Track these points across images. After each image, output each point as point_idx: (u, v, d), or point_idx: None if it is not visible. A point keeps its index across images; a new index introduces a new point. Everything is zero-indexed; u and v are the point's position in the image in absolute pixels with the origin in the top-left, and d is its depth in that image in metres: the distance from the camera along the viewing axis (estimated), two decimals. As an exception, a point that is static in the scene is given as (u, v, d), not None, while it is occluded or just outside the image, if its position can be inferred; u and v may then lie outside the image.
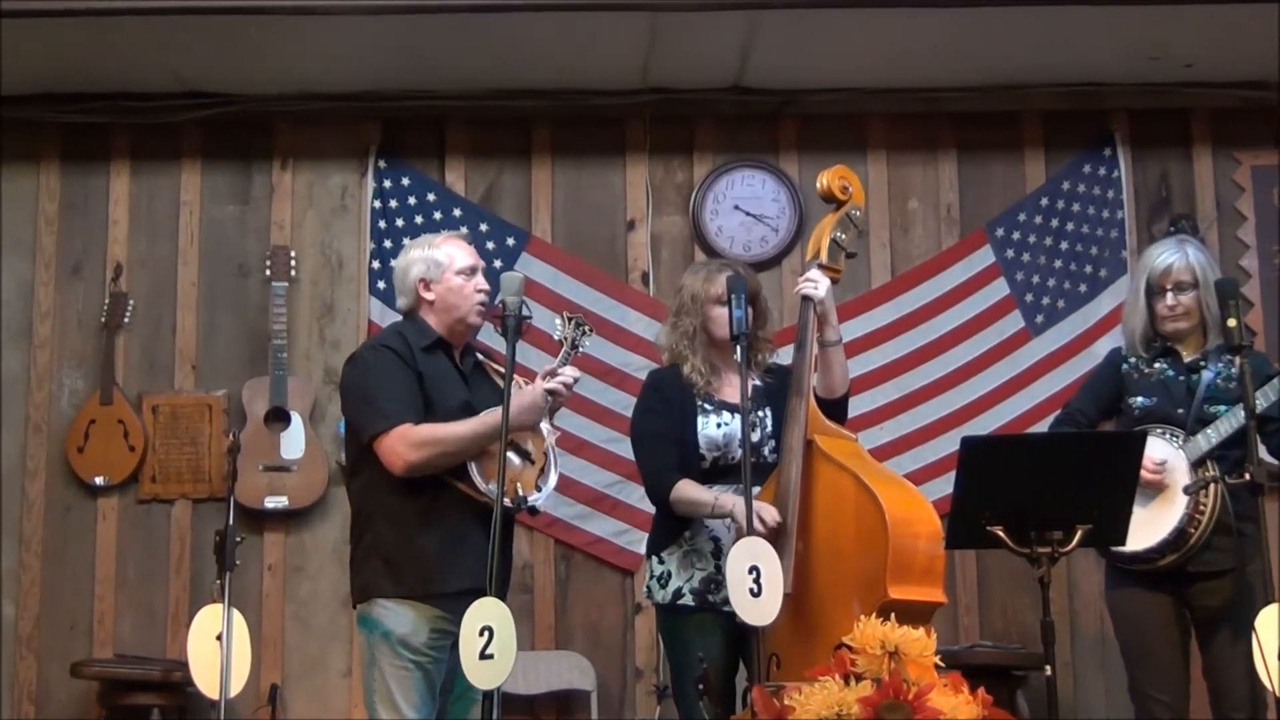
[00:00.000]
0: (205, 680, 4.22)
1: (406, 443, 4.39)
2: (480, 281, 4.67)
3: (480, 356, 4.78)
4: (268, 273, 6.56)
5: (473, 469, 4.40)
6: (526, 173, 6.79)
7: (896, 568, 4.19)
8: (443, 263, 4.64)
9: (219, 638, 4.22)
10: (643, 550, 6.12)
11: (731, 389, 4.73)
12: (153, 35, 6.03)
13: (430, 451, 4.39)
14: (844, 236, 4.73)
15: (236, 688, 4.23)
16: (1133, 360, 5.09)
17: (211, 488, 6.51)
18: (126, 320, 6.61)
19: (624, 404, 6.28)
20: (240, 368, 6.61)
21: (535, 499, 4.47)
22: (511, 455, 4.38)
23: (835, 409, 4.66)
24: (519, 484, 4.35)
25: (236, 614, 4.26)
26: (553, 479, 4.58)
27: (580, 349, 4.62)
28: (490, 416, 4.40)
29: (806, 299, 4.61)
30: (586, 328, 4.64)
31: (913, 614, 3.99)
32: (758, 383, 4.79)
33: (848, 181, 4.78)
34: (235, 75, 6.55)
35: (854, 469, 4.36)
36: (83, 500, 6.54)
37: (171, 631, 6.43)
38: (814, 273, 4.65)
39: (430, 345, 4.60)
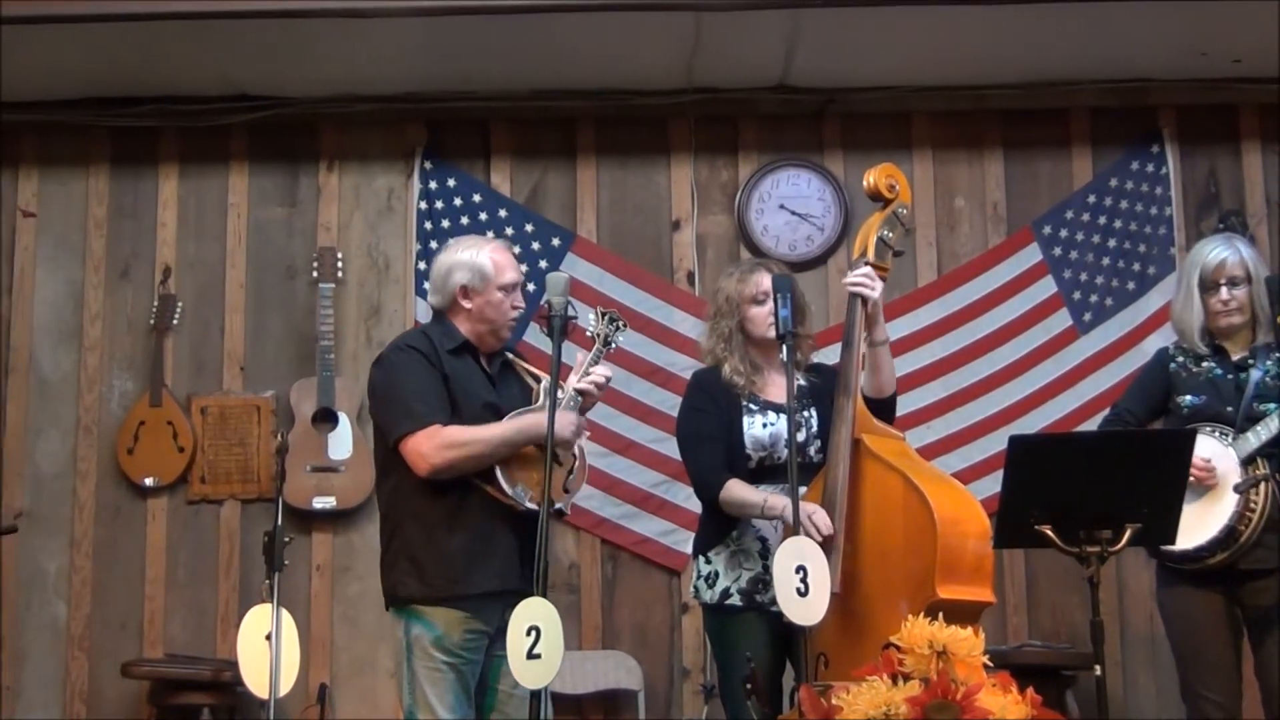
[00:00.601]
0: (255, 680, 4.23)
1: (432, 444, 4.40)
2: (518, 299, 4.66)
3: (510, 355, 4.77)
4: (315, 274, 6.59)
5: (498, 471, 4.41)
6: (571, 173, 6.79)
7: (945, 567, 4.17)
8: (489, 275, 4.61)
9: (268, 637, 4.23)
10: (689, 550, 6.11)
11: (776, 388, 4.71)
12: (200, 39, 6.05)
13: (455, 454, 4.39)
14: (891, 235, 4.72)
15: (286, 687, 4.24)
16: (1181, 359, 5.05)
17: (260, 488, 6.54)
18: (175, 322, 6.64)
19: (670, 404, 6.26)
20: (288, 369, 6.64)
21: (562, 503, 4.47)
22: (540, 456, 4.37)
23: (883, 409, 4.64)
24: (544, 485, 4.31)
25: (285, 614, 4.26)
26: (581, 481, 4.58)
27: (613, 345, 4.62)
28: (518, 422, 4.42)
29: (857, 297, 4.59)
30: (620, 323, 4.64)
31: (961, 614, 3.97)
32: (802, 382, 4.76)
33: (894, 180, 4.77)
34: (282, 78, 6.58)
35: (902, 468, 4.35)
36: (133, 501, 6.58)
37: (221, 631, 6.46)
38: (867, 270, 4.62)
39: (457, 348, 4.61)
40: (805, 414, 4.70)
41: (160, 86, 6.64)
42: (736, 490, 4.59)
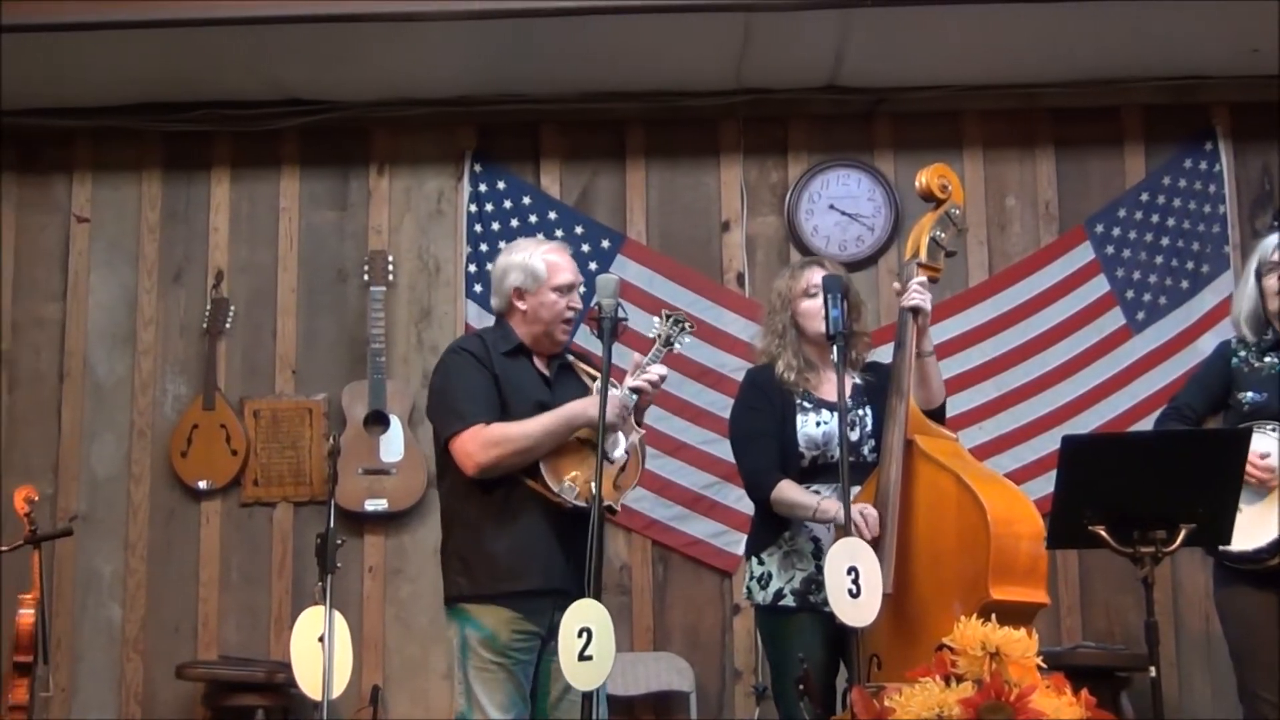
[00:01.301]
0: (308, 681, 4.25)
1: (477, 443, 4.44)
2: (574, 300, 4.67)
3: (571, 358, 4.77)
4: (366, 277, 6.62)
5: (542, 466, 4.42)
6: (621, 175, 6.80)
7: (998, 568, 4.15)
8: (541, 276, 4.64)
9: (321, 639, 4.24)
10: (740, 551, 6.13)
11: (830, 386, 4.68)
12: (252, 44, 6.10)
13: (499, 451, 4.42)
14: (943, 235, 4.71)
15: (339, 689, 4.25)
16: (1243, 354, 4.99)
17: (312, 491, 6.57)
18: (227, 326, 6.68)
19: (720, 405, 6.27)
20: (339, 372, 6.67)
21: (613, 500, 4.45)
22: (588, 453, 4.37)
23: (933, 418, 4.62)
24: (592, 484, 4.28)
25: (338, 616, 4.28)
26: (634, 478, 4.57)
27: (675, 346, 4.61)
28: (561, 411, 4.44)
29: (909, 310, 4.57)
30: (686, 325, 4.62)
31: (1015, 615, 3.95)
32: (858, 380, 4.76)
33: (947, 180, 4.76)
34: (332, 82, 6.62)
35: (955, 468, 4.33)
36: (186, 504, 6.63)
37: (274, 633, 6.49)
38: (921, 281, 4.60)
39: (512, 350, 4.64)
40: (860, 413, 4.69)
41: (212, 91, 6.69)
42: (788, 491, 4.59)
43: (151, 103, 6.76)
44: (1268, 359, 4.93)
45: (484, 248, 6.63)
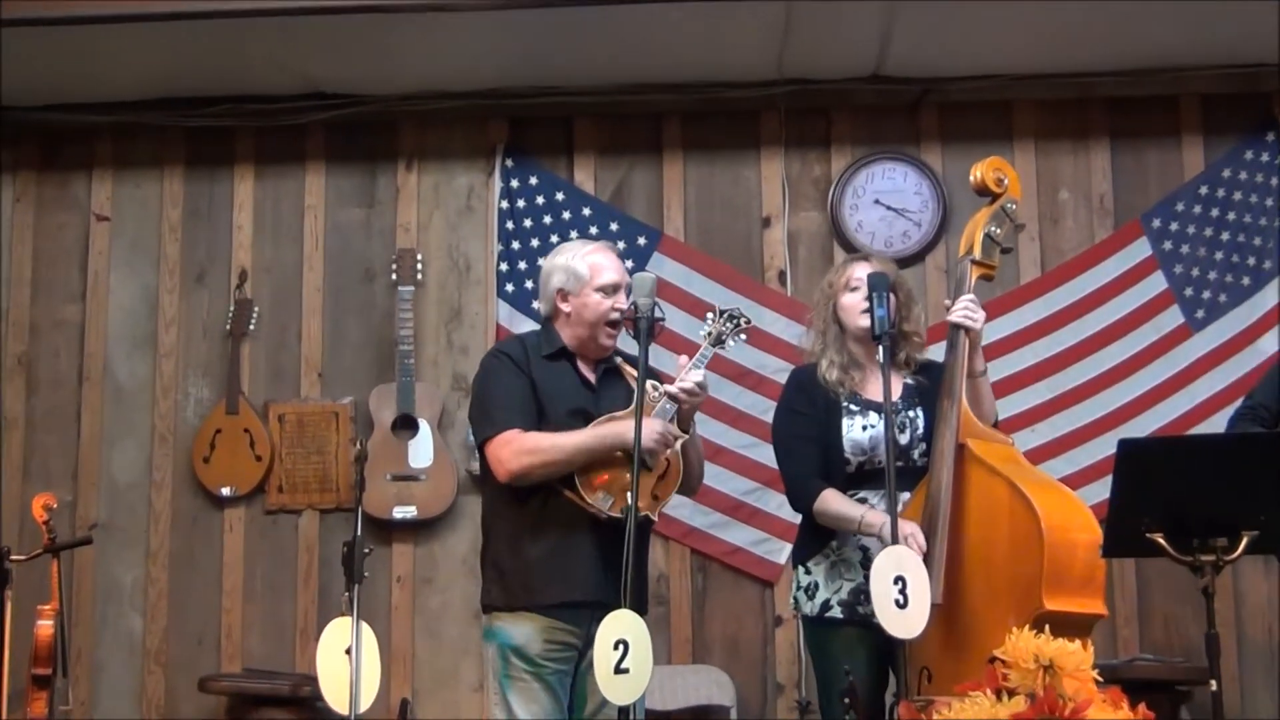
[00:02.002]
0: (335, 695, 4.25)
1: (510, 449, 4.46)
2: (620, 300, 4.63)
3: (619, 360, 4.75)
4: (394, 276, 6.63)
5: (576, 477, 4.42)
6: (658, 169, 6.79)
7: (1053, 577, 4.13)
8: (584, 277, 4.64)
9: (348, 651, 4.25)
10: (782, 560, 6.13)
11: (878, 387, 4.55)
12: (277, 36, 6.11)
13: (531, 460, 4.43)
14: (999, 231, 4.68)
15: (366, 702, 4.26)
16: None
17: (339, 498, 6.59)
18: (251, 328, 6.71)
19: (761, 408, 6.26)
20: (367, 374, 6.69)
21: (650, 511, 4.43)
22: (627, 460, 4.35)
23: None
24: (629, 493, 4.25)
25: (366, 627, 4.29)
26: (672, 488, 4.55)
27: (726, 345, 4.60)
28: (600, 429, 4.43)
29: (960, 328, 4.54)
30: (740, 321, 4.62)
31: (1070, 626, 3.94)
32: (909, 381, 4.73)
33: (1003, 173, 4.73)
34: (360, 75, 6.63)
35: (1008, 474, 4.31)
36: (209, 511, 6.65)
37: (300, 645, 6.51)
38: (970, 299, 4.57)
39: (554, 353, 4.65)
40: (910, 414, 4.66)
41: (236, 86, 6.71)
42: (832, 502, 4.57)
43: (173, 98, 6.79)
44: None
45: (515, 245, 6.63)
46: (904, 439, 4.61)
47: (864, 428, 4.62)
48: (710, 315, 4.63)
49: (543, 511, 4.49)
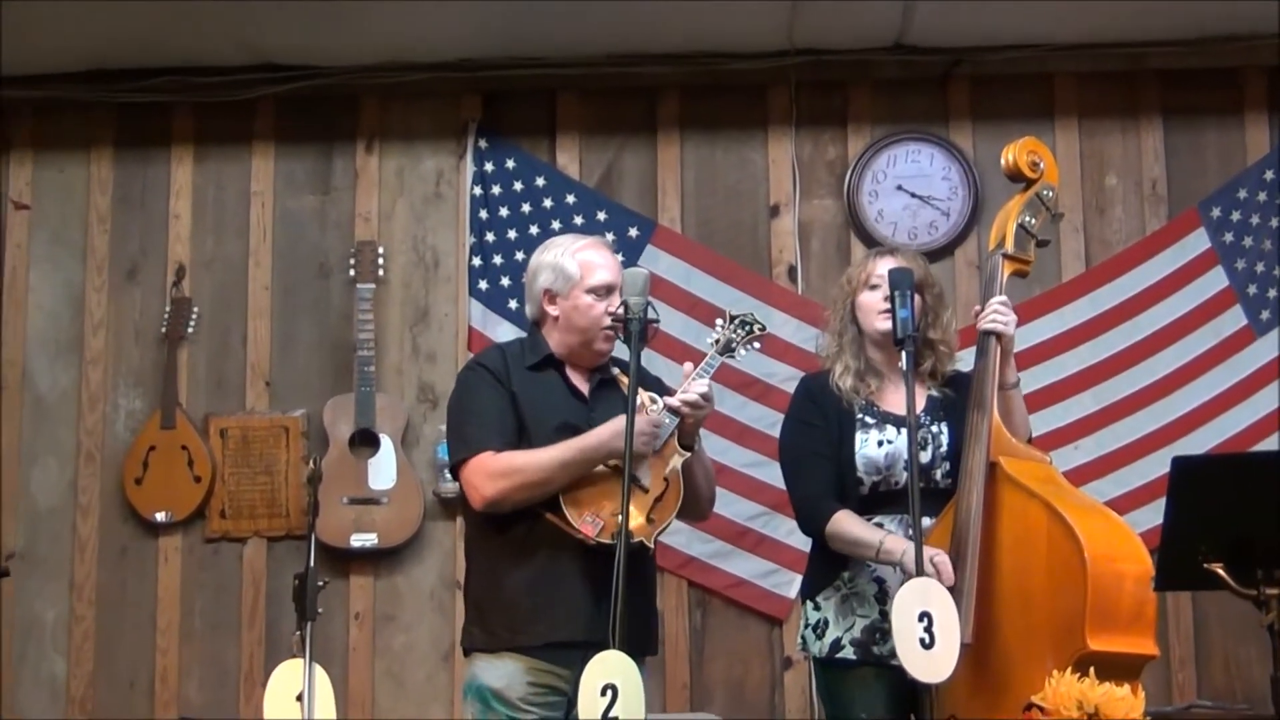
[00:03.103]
0: (284, 747, 4.26)
1: (484, 473, 4.45)
2: (615, 304, 4.57)
3: (616, 371, 4.74)
4: (352, 273, 6.63)
5: (562, 499, 4.40)
6: (652, 151, 6.80)
7: (1098, 613, 4.12)
8: (573, 276, 4.63)
9: (299, 698, 4.25)
10: (792, 594, 6.13)
11: (899, 398, 4.59)
12: (220, 1, 6.11)
13: (508, 483, 4.41)
14: (1034, 221, 4.67)
15: (320, 756, 4.26)
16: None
17: (289, 524, 6.59)
18: (190, 330, 6.70)
19: (768, 420, 6.26)
20: (321, 384, 6.69)
21: (645, 536, 4.40)
22: (617, 481, 4.34)
23: None
24: (619, 516, 4.21)
25: (319, 670, 4.28)
26: (671, 510, 4.52)
27: (736, 355, 4.59)
28: (581, 440, 4.42)
29: (991, 335, 4.54)
30: (754, 328, 4.60)
31: (1117, 668, 3.94)
32: (933, 393, 4.72)
33: (1038, 156, 4.72)
34: (314, 44, 6.62)
35: (1046, 496, 4.30)
36: (142, 539, 6.64)
37: (245, 690, 6.50)
38: (1002, 301, 4.56)
39: (539, 363, 4.64)
40: (933, 429, 4.65)
41: (173, 56, 6.70)
42: (846, 525, 4.55)
43: (102, 69, 6.78)
44: None
45: (490, 237, 6.64)
46: (925, 457, 4.59)
47: (880, 443, 4.61)
48: (720, 321, 4.61)
49: (526, 540, 4.47)
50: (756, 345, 4.64)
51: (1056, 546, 4.22)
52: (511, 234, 6.65)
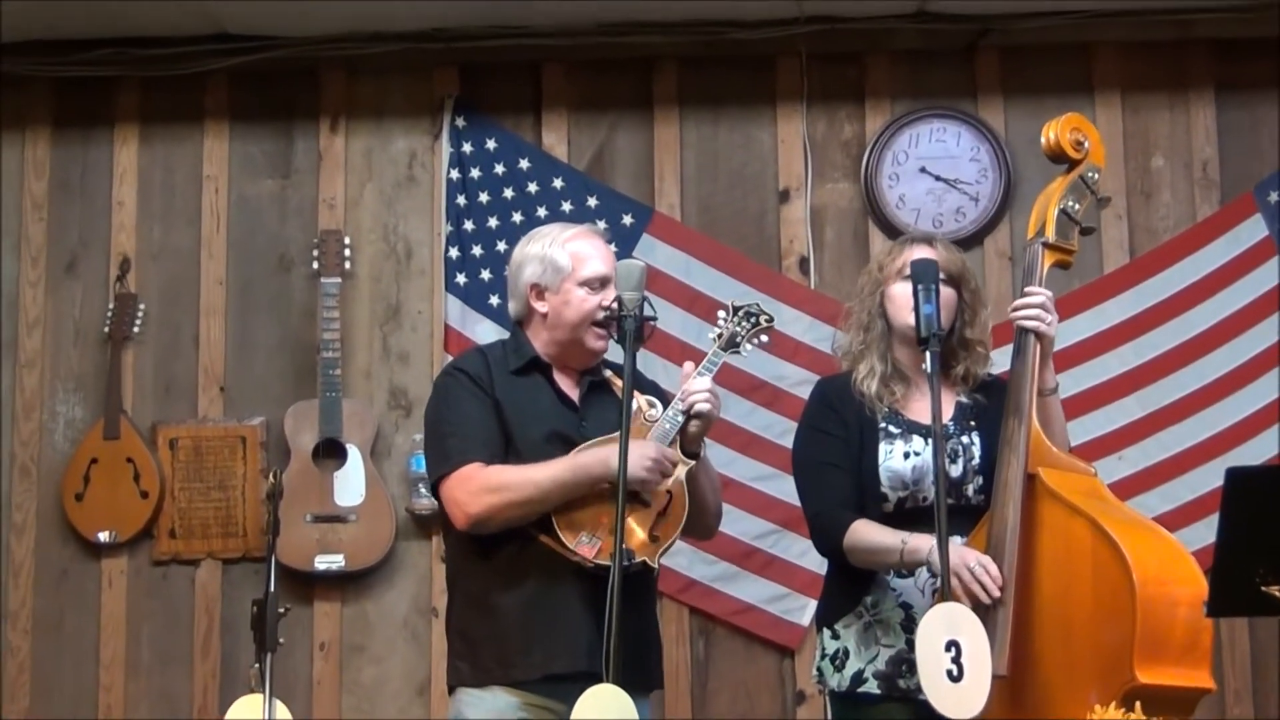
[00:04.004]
0: (242, 792, 4.26)
1: (468, 489, 4.43)
2: (609, 297, 4.57)
3: (608, 373, 4.73)
4: (315, 265, 6.63)
5: (554, 518, 4.38)
6: (648, 130, 6.80)
7: (1147, 642, 4.11)
8: (563, 267, 4.62)
9: (259, 737, 4.25)
10: (806, 621, 6.13)
11: (927, 405, 4.48)
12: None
13: (494, 500, 4.40)
14: (1078, 206, 4.65)
15: (282, 802, 4.26)
16: None
17: (246, 544, 6.58)
18: (136, 330, 6.69)
19: (778, 429, 6.26)
20: (282, 389, 6.68)
21: (648, 556, 4.39)
22: (612, 496, 4.32)
23: None
24: (615, 532, 4.18)
25: (281, 707, 4.28)
26: (676, 527, 4.50)
27: (742, 350, 4.58)
28: (579, 458, 4.40)
29: (1029, 333, 4.52)
30: (760, 319, 4.61)
31: (1168, 703, 3.94)
32: (963, 399, 4.70)
33: (1083, 134, 4.70)
34: (273, 12, 6.61)
35: (1090, 511, 4.29)
36: (83, 562, 6.63)
37: (198, 728, 6.50)
38: (1043, 298, 4.54)
39: (524, 366, 4.63)
40: (963, 440, 4.64)
41: (116, 25, 6.69)
42: (864, 533, 4.52)
43: (38, 40, 6.76)
44: None
45: (468, 226, 6.63)
46: (955, 470, 4.57)
47: (906, 454, 4.58)
48: (723, 313, 4.62)
49: (515, 563, 4.46)
50: (764, 339, 4.64)
51: (1102, 568, 4.21)
52: (492, 222, 6.64)
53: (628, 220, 6.66)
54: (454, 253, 6.65)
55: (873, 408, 4.64)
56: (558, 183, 6.71)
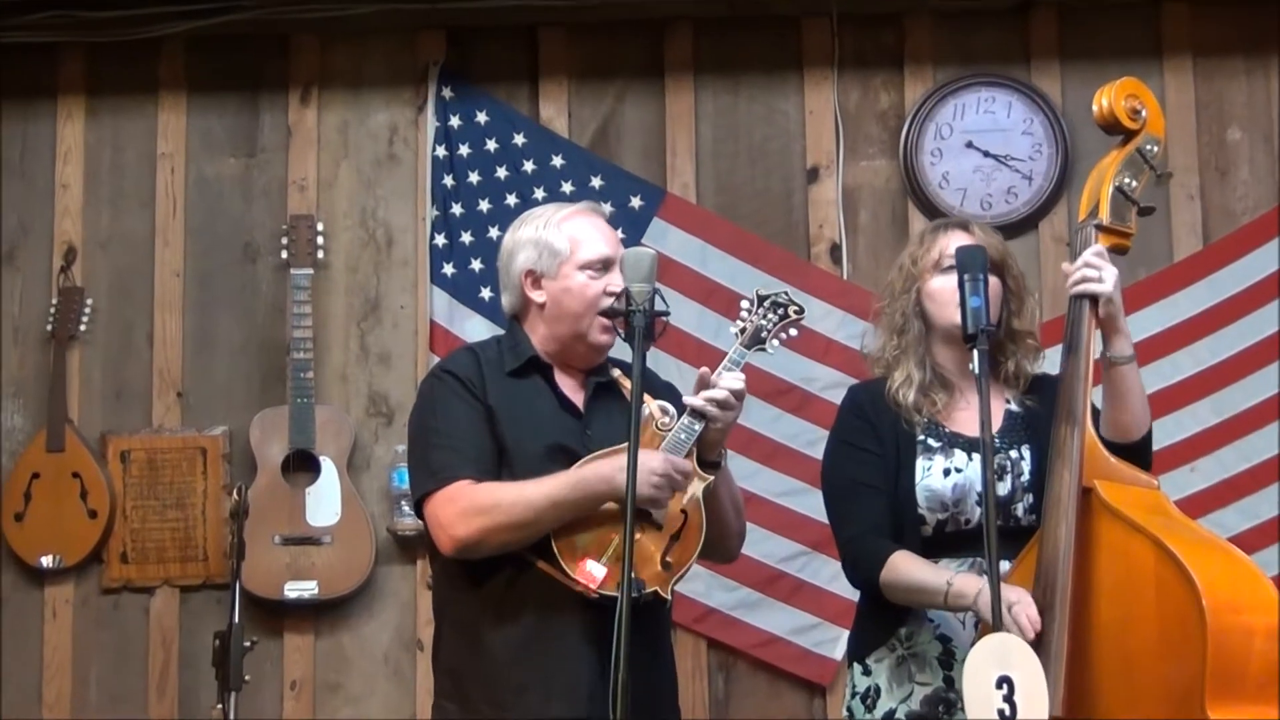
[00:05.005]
0: None
1: (455, 509, 4.39)
2: (614, 282, 4.54)
3: (616, 373, 4.69)
4: (284, 255, 6.65)
5: (553, 542, 4.34)
6: (659, 101, 6.83)
7: (1219, 677, 4.11)
8: (560, 250, 4.58)
9: (222, 787, 4.28)
10: (838, 654, 6.15)
11: (972, 415, 4.53)
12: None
13: (486, 522, 4.35)
14: (1135, 183, 4.64)
15: None
16: None
17: (207, 570, 6.60)
18: (83, 328, 6.71)
19: (807, 439, 6.27)
20: (247, 394, 6.71)
21: (659, 585, 4.35)
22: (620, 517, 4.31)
23: (1133, 458, 4.52)
24: (624, 558, 4.09)
25: (246, 752, 4.31)
26: (692, 551, 4.45)
27: (768, 347, 4.55)
28: (580, 472, 4.36)
29: (1083, 298, 4.52)
30: (789, 310, 4.56)
31: (1244, 746, 3.94)
32: (1013, 406, 4.71)
33: (1139, 101, 4.70)
34: (235, -32, 6.65)
35: (1154, 530, 4.29)
36: (24, 589, 6.66)
37: (153, 776, 6.53)
38: (1097, 252, 4.55)
39: (522, 367, 4.59)
40: (1012, 454, 4.64)
41: (62, -16, 6.73)
42: (906, 567, 4.51)
43: (-30, 2, 6.81)
44: None
45: (457, 210, 6.64)
46: (1003, 488, 4.57)
47: (948, 470, 4.58)
48: (745, 304, 4.56)
49: (510, 592, 4.43)
50: (793, 332, 4.58)
51: (1167, 594, 4.21)
52: (484, 206, 6.66)
53: (636, 203, 6.68)
54: (440, 240, 6.67)
55: (910, 419, 4.63)
56: (557, 161, 6.73)
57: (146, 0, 6.77)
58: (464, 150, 6.72)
